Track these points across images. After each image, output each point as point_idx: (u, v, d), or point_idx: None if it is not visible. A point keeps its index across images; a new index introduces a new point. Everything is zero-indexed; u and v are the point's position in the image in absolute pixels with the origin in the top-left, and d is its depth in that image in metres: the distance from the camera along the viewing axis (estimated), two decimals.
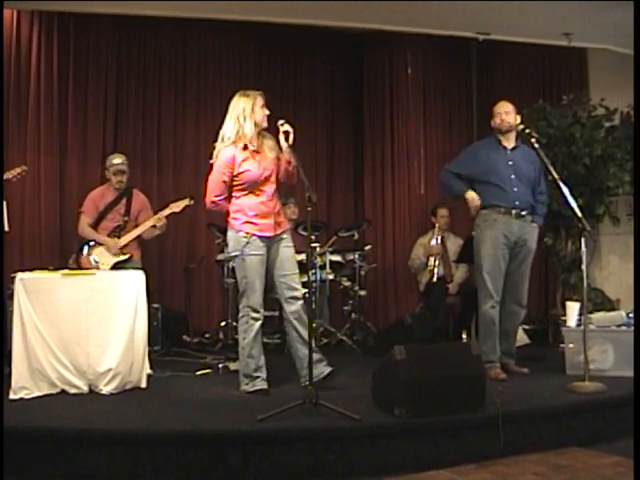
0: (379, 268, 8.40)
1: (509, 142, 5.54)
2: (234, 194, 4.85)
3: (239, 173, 4.76)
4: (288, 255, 4.89)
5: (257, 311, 4.79)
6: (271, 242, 4.84)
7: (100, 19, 7.48)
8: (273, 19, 7.21)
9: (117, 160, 6.45)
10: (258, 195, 4.80)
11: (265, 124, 4.82)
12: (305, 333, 4.75)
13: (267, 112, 4.81)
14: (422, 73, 8.72)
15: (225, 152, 4.78)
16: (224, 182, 4.80)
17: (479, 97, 8.59)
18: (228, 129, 4.79)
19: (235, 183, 4.81)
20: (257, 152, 4.82)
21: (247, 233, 4.75)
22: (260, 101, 4.79)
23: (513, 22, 7.05)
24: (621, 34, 6.87)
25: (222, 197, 4.85)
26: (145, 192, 6.79)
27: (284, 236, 4.91)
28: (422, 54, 8.72)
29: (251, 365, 4.79)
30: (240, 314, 4.85)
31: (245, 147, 4.77)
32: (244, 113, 4.74)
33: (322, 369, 4.80)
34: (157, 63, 8.09)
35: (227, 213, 4.88)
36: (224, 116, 4.59)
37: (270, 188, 4.84)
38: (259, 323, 4.81)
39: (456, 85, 8.86)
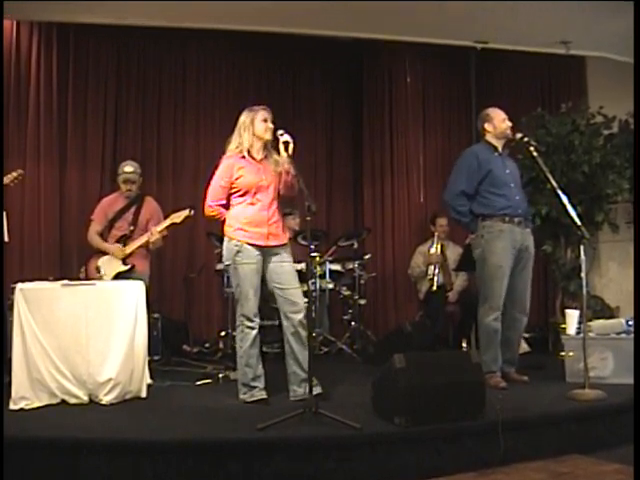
0: (379, 277, 8.41)
1: (501, 149, 5.55)
2: (231, 202, 4.89)
3: (236, 179, 4.81)
4: (287, 269, 4.86)
5: (251, 320, 4.78)
6: (266, 253, 4.82)
7: (99, 28, 7.49)
8: (273, 29, 7.24)
9: (128, 168, 6.39)
10: (253, 204, 4.82)
11: (267, 136, 4.84)
12: (299, 351, 4.77)
13: (271, 125, 4.84)
14: (421, 81, 8.75)
15: (225, 161, 4.89)
16: (221, 187, 4.86)
17: (478, 105, 8.58)
18: (232, 142, 4.92)
19: (233, 190, 4.85)
20: (258, 162, 4.87)
21: (239, 241, 4.76)
22: (262, 115, 4.86)
23: (511, 30, 7.09)
24: (619, 42, 6.91)
25: (219, 202, 4.88)
26: None
27: (281, 251, 4.87)
28: (421, 62, 8.75)
29: (249, 374, 4.79)
30: (236, 323, 4.87)
31: (243, 156, 4.84)
32: (244, 126, 4.88)
33: (305, 390, 4.74)
34: (157, 72, 8.12)
35: (223, 222, 4.91)
36: (223, 124, 4.64)
37: (266, 198, 4.84)
38: (254, 332, 4.80)
39: (455, 93, 8.88)
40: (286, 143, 4.70)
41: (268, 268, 4.85)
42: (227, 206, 4.91)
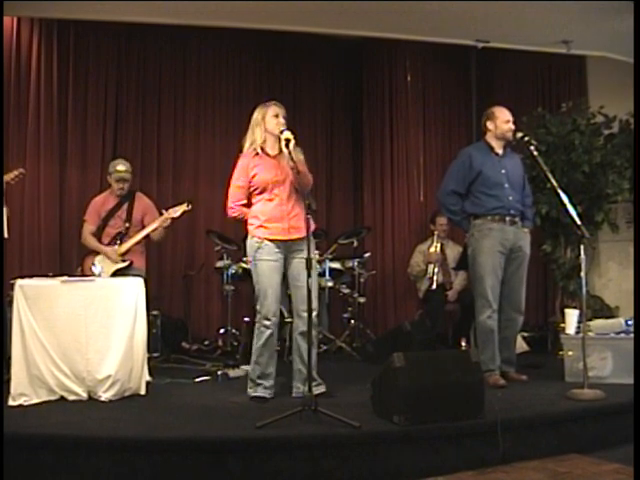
0: (378, 275, 8.41)
1: (500, 149, 5.55)
2: (252, 200, 4.91)
3: (252, 177, 4.83)
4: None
5: (268, 319, 4.78)
6: (288, 249, 4.83)
7: (100, 25, 7.50)
8: (273, 27, 7.23)
9: (121, 167, 6.39)
10: (271, 200, 4.83)
11: (278, 132, 4.82)
12: (306, 350, 4.71)
13: (282, 120, 4.84)
14: (421, 80, 8.75)
15: (240, 161, 4.92)
16: (239, 187, 4.89)
17: (478, 104, 8.59)
18: (246, 139, 4.95)
19: (251, 189, 4.87)
20: (272, 157, 4.88)
21: (260, 238, 4.78)
22: (273, 110, 4.88)
23: (512, 30, 7.07)
24: (620, 42, 6.89)
25: (239, 202, 4.91)
26: None
27: (304, 246, 4.76)
28: (421, 61, 8.75)
29: (256, 371, 4.81)
30: (255, 319, 4.88)
31: (257, 154, 4.86)
32: (256, 122, 4.92)
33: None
34: (157, 69, 8.11)
35: (246, 221, 4.94)
36: (223, 123, 4.58)
37: (283, 193, 4.83)
38: (269, 332, 4.79)
39: (455, 92, 8.88)
40: (287, 140, 4.70)
41: (290, 264, 4.87)
42: (249, 205, 4.93)
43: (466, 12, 6.51)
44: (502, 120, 5.52)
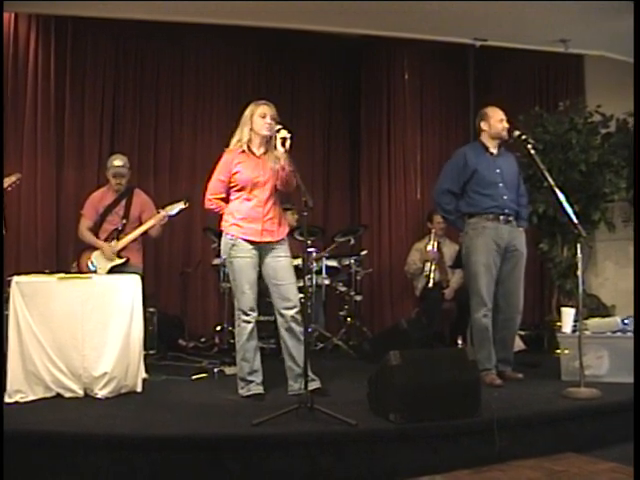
0: (375, 273, 8.42)
1: (495, 149, 5.56)
2: (230, 197, 4.91)
3: (233, 174, 4.83)
4: (283, 265, 4.87)
5: (247, 314, 4.79)
6: (262, 249, 4.83)
7: (97, 22, 7.45)
8: (272, 25, 7.21)
9: (117, 162, 6.36)
10: (249, 200, 4.83)
11: (264, 132, 4.83)
12: (293, 347, 4.80)
13: (269, 121, 4.81)
14: (419, 78, 8.76)
15: (224, 156, 4.92)
16: (220, 181, 4.89)
17: (476, 102, 8.57)
18: (235, 135, 4.94)
19: (231, 185, 4.87)
20: (257, 157, 4.86)
21: (233, 236, 4.79)
22: (261, 110, 4.85)
23: (510, 28, 7.07)
24: (618, 41, 6.89)
25: (217, 196, 4.91)
26: None
27: (277, 246, 4.87)
28: (419, 60, 8.76)
29: (245, 369, 4.80)
30: (235, 317, 4.88)
31: (243, 151, 4.85)
32: (244, 120, 4.90)
33: (301, 385, 4.65)
34: (155, 68, 8.11)
35: (222, 217, 4.93)
36: (221, 120, 4.59)
37: (262, 194, 4.83)
38: (250, 326, 4.80)
39: (453, 91, 8.88)
40: (283, 139, 4.69)
41: (264, 263, 4.87)
42: (227, 200, 4.93)
43: (465, 11, 6.50)
44: (496, 119, 5.53)
